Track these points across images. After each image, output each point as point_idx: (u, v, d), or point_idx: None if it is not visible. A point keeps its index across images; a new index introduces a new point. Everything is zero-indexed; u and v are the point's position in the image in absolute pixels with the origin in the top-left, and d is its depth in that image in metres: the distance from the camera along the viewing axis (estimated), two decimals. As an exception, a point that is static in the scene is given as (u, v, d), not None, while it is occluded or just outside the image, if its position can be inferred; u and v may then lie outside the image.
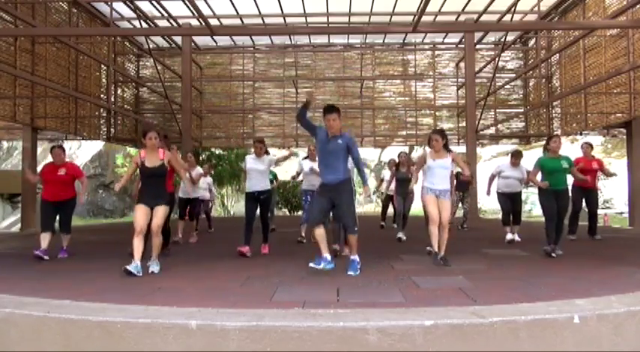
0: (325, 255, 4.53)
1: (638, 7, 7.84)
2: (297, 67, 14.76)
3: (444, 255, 5.16)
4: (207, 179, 9.14)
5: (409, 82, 14.70)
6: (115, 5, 11.24)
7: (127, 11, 11.56)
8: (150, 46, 12.68)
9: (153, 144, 4.85)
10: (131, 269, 4.46)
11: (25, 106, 10.31)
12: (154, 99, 14.97)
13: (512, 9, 10.16)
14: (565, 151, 6.27)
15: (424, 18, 6.54)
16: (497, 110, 14.44)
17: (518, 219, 7.51)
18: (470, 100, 12.85)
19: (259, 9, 11.57)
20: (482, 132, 13.65)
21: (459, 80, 14.35)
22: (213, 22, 9.12)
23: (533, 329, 2.80)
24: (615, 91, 10.29)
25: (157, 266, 4.79)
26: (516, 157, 7.42)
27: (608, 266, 4.95)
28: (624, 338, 2.93)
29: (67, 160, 6.20)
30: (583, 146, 7.70)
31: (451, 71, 14.69)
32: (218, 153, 18.45)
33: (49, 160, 6.21)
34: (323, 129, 4.79)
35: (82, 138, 13.31)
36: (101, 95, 13.07)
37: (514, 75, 13.86)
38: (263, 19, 12.06)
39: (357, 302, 3.36)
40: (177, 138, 12.69)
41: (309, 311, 3.09)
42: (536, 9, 10.66)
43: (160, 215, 4.77)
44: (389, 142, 14.99)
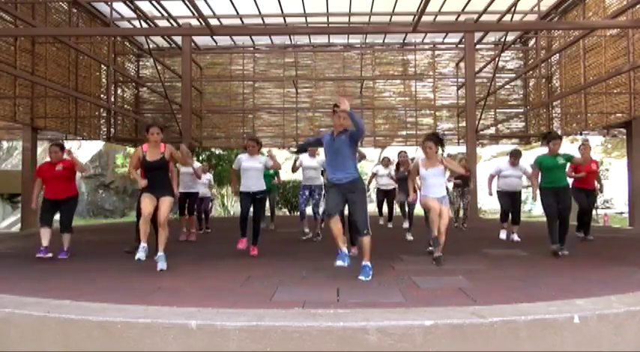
0: (343, 249, 4.37)
1: (638, 7, 7.84)
2: (297, 67, 14.75)
3: (440, 255, 5.17)
4: (208, 175, 9.12)
5: (409, 82, 14.70)
6: (115, 5, 11.24)
7: (127, 11, 11.56)
8: (150, 46, 12.67)
9: (155, 139, 4.98)
10: (141, 256, 4.67)
11: (25, 106, 10.31)
12: (154, 99, 14.97)
13: (512, 9, 10.16)
14: (565, 151, 6.28)
15: (424, 18, 6.55)
16: (497, 110, 14.44)
17: (517, 218, 7.51)
18: (470, 100, 12.85)
19: (259, 9, 11.57)
20: (482, 132, 13.65)
21: (459, 80, 14.35)
22: (213, 22, 9.13)
23: (533, 329, 2.80)
24: (615, 91, 10.29)
25: (164, 262, 4.84)
26: (515, 157, 7.42)
27: (608, 266, 4.95)
28: (624, 338, 2.93)
29: (65, 157, 6.04)
30: (580, 147, 7.64)
31: (451, 71, 14.69)
32: (218, 153, 18.44)
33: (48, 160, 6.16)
34: (326, 133, 4.73)
35: (82, 138, 13.31)
36: (101, 95, 13.07)
37: (514, 75, 13.86)
38: (263, 19, 12.06)
39: (357, 302, 3.36)
40: (178, 138, 12.68)
41: (309, 311, 3.09)
42: (536, 9, 10.66)
43: (166, 205, 4.92)
44: (389, 142, 14.99)
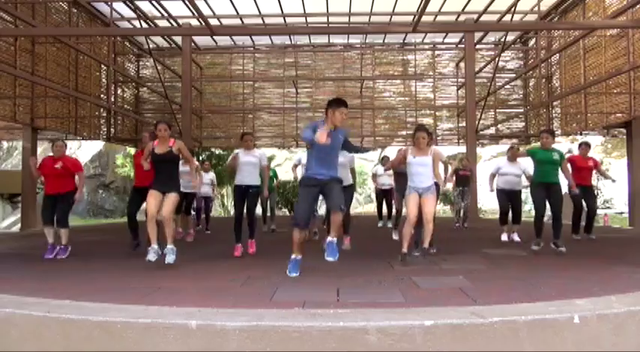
0: (297, 257, 4.53)
1: (638, 7, 7.84)
2: (297, 67, 14.76)
3: (426, 247, 5.22)
4: (210, 175, 9.13)
5: (409, 82, 14.70)
6: (115, 5, 11.24)
7: (127, 11, 11.56)
8: (150, 46, 12.68)
9: (163, 135, 5.22)
10: (151, 258, 4.79)
11: (25, 106, 10.31)
12: (154, 99, 14.98)
13: (512, 9, 10.16)
14: (567, 152, 6.29)
15: (424, 18, 6.55)
16: (497, 110, 14.44)
17: (518, 218, 7.51)
18: (470, 100, 12.85)
19: (259, 9, 11.57)
20: (482, 132, 13.65)
21: (459, 80, 14.36)
22: (213, 22, 9.12)
23: (533, 329, 2.80)
24: (615, 91, 10.29)
25: (172, 255, 4.99)
26: (512, 151, 7.51)
27: (608, 266, 4.95)
28: (624, 338, 2.93)
29: (67, 155, 6.23)
30: (581, 146, 7.69)
31: (451, 71, 14.69)
32: (218, 153, 18.44)
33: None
34: (312, 125, 4.48)
35: (82, 138, 13.32)
36: (101, 95, 13.07)
37: (514, 75, 13.86)
38: (263, 19, 12.06)
39: (357, 302, 3.36)
40: (177, 138, 12.65)
41: (309, 311, 3.09)
42: (536, 9, 10.67)
43: (170, 202, 5.08)
44: (389, 142, 14.99)
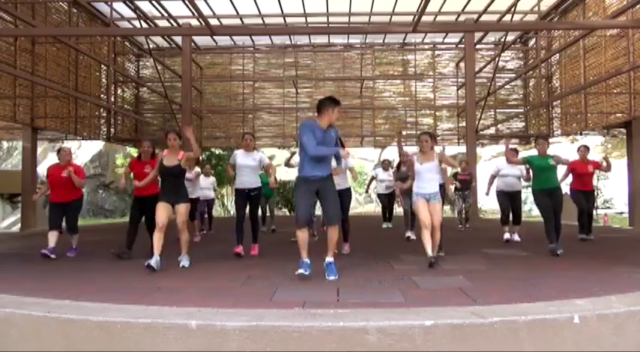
0: (305, 259, 4.33)
1: (638, 7, 7.84)
2: (297, 67, 14.76)
3: (434, 254, 5.16)
4: (211, 179, 9.22)
5: (409, 82, 14.70)
6: (115, 5, 11.24)
7: (127, 11, 11.56)
8: (150, 46, 12.68)
9: (173, 144, 5.19)
10: (152, 264, 4.73)
11: (25, 106, 10.31)
12: (154, 99, 14.98)
13: (512, 9, 10.16)
14: (565, 152, 6.30)
15: (424, 18, 6.54)
16: (497, 110, 14.44)
17: (518, 219, 7.53)
18: (470, 100, 12.85)
19: (259, 9, 11.57)
20: (482, 132, 13.65)
21: (459, 80, 14.35)
22: (213, 22, 9.12)
23: (533, 329, 2.80)
24: (615, 91, 10.29)
25: (187, 261, 5.11)
26: (512, 152, 7.48)
27: (608, 266, 4.95)
28: (624, 338, 2.93)
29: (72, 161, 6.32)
30: (580, 149, 7.63)
31: (451, 71, 14.69)
32: (218, 153, 18.44)
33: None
34: (315, 126, 4.36)
35: (82, 138, 13.32)
36: (101, 95, 13.07)
37: (514, 75, 13.86)
38: (263, 19, 12.06)
39: (357, 302, 3.36)
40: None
41: (309, 311, 3.09)
42: (536, 9, 10.67)
43: (182, 212, 5.08)
44: (389, 142, 15.00)
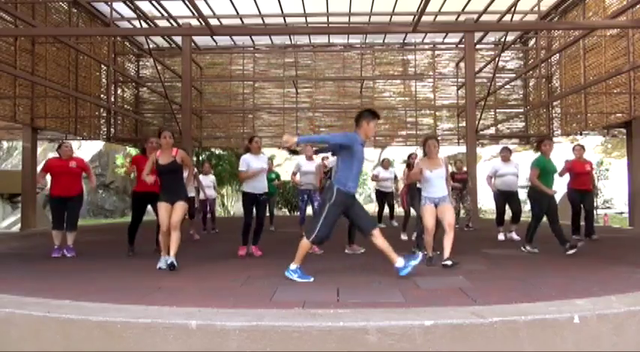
0: (299, 266, 4.35)
1: (638, 7, 7.83)
2: (297, 67, 14.75)
3: (449, 256, 5.10)
4: (211, 177, 9.30)
5: (409, 82, 14.70)
6: (115, 5, 11.24)
7: (127, 11, 11.55)
8: (150, 46, 12.67)
9: (167, 142, 5.22)
10: (163, 266, 4.89)
11: (25, 106, 10.31)
12: (154, 99, 14.97)
13: (512, 9, 10.15)
14: (565, 152, 6.32)
15: (424, 18, 6.54)
16: (497, 110, 14.44)
17: (517, 218, 7.57)
18: (470, 100, 12.84)
19: (259, 9, 11.56)
20: (482, 132, 13.64)
21: (459, 80, 14.35)
22: (213, 22, 9.12)
23: (533, 329, 2.80)
24: (615, 91, 10.29)
25: (169, 261, 5.00)
26: (505, 152, 7.60)
27: (608, 266, 4.95)
28: (624, 338, 2.93)
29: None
30: (576, 148, 7.61)
31: (451, 71, 14.69)
32: (218, 153, 18.44)
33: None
34: (357, 137, 4.42)
35: (82, 138, 13.31)
36: (101, 95, 13.07)
37: (514, 75, 13.86)
38: (263, 19, 12.05)
39: (357, 302, 3.36)
40: (177, 138, 12.69)
41: (309, 311, 3.09)
42: (536, 9, 10.66)
43: (179, 212, 5.06)
44: (389, 142, 14.99)
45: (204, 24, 6.69)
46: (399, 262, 4.43)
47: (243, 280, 4.28)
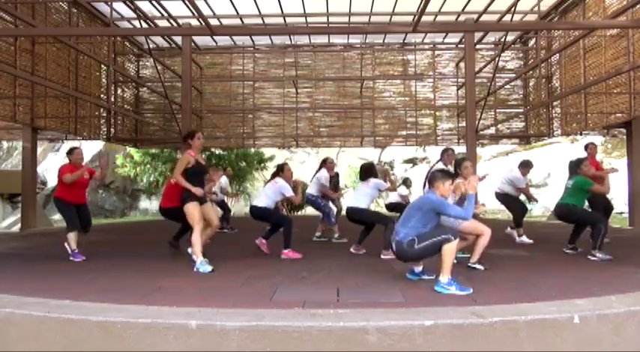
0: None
1: (638, 7, 7.82)
2: (297, 67, 14.75)
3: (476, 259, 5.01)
4: (224, 179, 9.92)
5: (409, 82, 14.69)
6: (115, 5, 11.23)
7: (127, 11, 11.55)
8: (150, 46, 12.67)
9: (202, 143, 5.36)
10: (208, 268, 4.77)
11: (25, 106, 10.31)
12: (154, 99, 14.97)
13: (512, 9, 10.14)
14: (566, 151, 6.29)
15: (424, 18, 6.53)
16: (497, 110, 14.43)
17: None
18: (470, 100, 12.83)
19: (259, 9, 11.56)
20: (482, 132, 13.64)
21: (459, 80, 14.35)
22: (213, 22, 9.12)
23: (533, 329, 2.80)
24: (615, 91, 10.28)
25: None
26: (525, 167, 7.36)
27: (608, 266, 4.95)
28: (624, 338, 2.93)
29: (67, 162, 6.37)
30: (589, 146, 7.51)
31: (451, 71, 14.68)
32: (218, 153, 18.42)
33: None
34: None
35: (82, 138, 13.30)
36: (101, 95, 13.07)
37: (514, 75, 13.86)
38: (263, 19, 12.05)
39: (357, 302, 3.36)
40: (177, 138, 12.68)
41: (309, 311, 3.09)
42: (536, 9, 10.66)
43: (212, 210, 5.46)
44: (389, 142, 14.98)
45: (204, 24, 6.69)
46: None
47: (243, 280, 4.28)
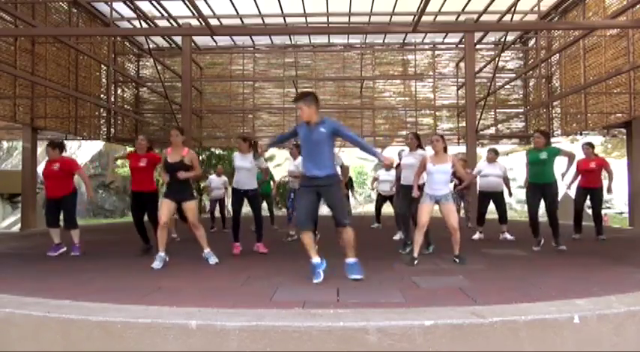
0: (314, 259, 4.24)
1: (638, 7, 7.82)
2: (297, 67, 14.75)
3: (459, 253, 5.24)
4: (223, 178, 9.96)
5: (409, 82, 14.70)
6: (115, 5, 11.24)
7: (127, 11, 11.55)
8: (150, 46, 12.68)
9: (174, 140, 5.29)
10: (157, 266, 4.88)
11: (25, 106, 10.31)
12: (154, 99, 14.97)
13: (512, 9, 10.15)
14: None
15: (424, 18, 6.54)
16: (497, 110, 14.44)
17: (503, 218, 7.72)
18: (470, 100, 12.84)
19: (259, 9, 11.56)
20: (482, 132, 13.65)
21: (459, 80, 14.35)
22: (213, 22, 9.11)
23: (533, 329, 2.80)
24: (615, 91, 10.29)
25: (213, 257, 5.27)
26: (490, 153, 7.66)
27: (608, 266, 4.95)
28: (624, 338, 2.93)
29: (65, 156, 6.37)
30: (583, 146, 7.67)
31: (451, 71, 14.69)
32: (218, 153, 18.44)
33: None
34: (302, 123, 4.42)
35: (82, 138, 13.31)
36: (101, 95, 13.07)
37: (514, 75, 13.86)
38: (263, 19, 12.05)
39: (357, 302, 3.36)
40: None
41: (309, 311, 3.09)
42: (536, 9, 10.66)
43: (192, 209, 5.22)
44: (389, 142, 14.99)
45: (204, 24, 6.69)
46: (349, 259, 4.28)
47: (243, 280, 4.28)
